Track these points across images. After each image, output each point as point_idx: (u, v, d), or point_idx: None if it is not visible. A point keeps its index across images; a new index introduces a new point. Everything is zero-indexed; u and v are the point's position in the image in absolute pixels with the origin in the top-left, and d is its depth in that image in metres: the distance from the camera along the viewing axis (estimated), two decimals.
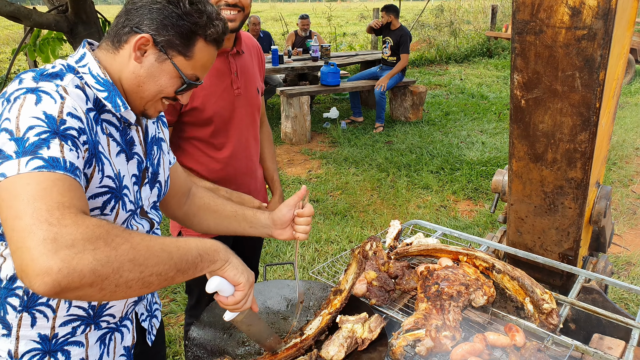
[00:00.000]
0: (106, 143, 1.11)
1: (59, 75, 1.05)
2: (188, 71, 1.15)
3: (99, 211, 1.09)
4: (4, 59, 12.94)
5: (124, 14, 1.13)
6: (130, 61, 1.12)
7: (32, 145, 0.90)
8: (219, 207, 1.49)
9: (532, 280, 1.50)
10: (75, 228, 0.83)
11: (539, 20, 1.49)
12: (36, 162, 0.89)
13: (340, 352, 1.31)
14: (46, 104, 0.96)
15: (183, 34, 1.11)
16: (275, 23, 19.62)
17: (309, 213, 1.41)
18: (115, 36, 1.13)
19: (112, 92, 1.11)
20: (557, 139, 1.64)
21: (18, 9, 3.71)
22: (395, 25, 7.24)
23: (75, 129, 0.98)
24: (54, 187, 0.87)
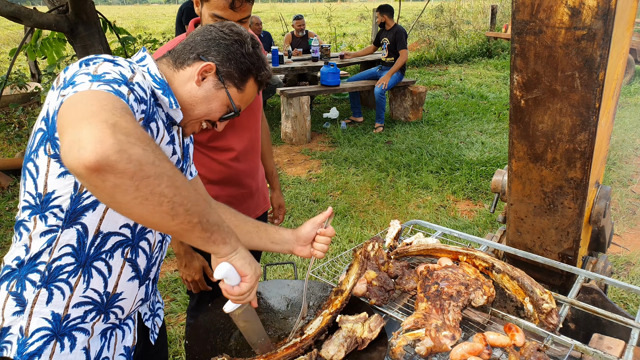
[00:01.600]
0: (162, 131, 1.18)
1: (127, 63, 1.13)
2: (237, 102, 1.29)
3: None
4: (4, 59, 12.94)
5: (191, 42, 1.26)
6: (190, 82, 1.23)
7: (106, 79, 0.98)
8: (240, 223, 1.50)
9: (531, 280, 1.50)
10: (133, 125, 0.88)
11: (538, 20, 1.49)
12: (106, 87, 0.96)
13: (340, 351, 1.31)
14: (122, 68, 1.06)
15: (242, 70, 1.26)
16: (275, 23, 19.63)
17: (331, 233, 1.46)
18: (179, 57, 1.26)
19: (167, 91, 1.20)
20: (556, 139, 1.65)
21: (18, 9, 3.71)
22: (390, 25, 7.28)
23: (139, 95, 1.05)
24: (117, 102, 0.93)
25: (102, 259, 1.16)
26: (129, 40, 5.04)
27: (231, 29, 1.28)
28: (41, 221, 1.10)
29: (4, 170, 5.43)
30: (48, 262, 1.11)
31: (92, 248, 1.14)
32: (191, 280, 1.99)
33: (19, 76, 6.90)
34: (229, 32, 1.27)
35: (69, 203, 1.08)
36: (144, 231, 1.23)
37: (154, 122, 1.14)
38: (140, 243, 1.23)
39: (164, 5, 56.54)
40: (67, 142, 0.83)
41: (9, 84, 6.15)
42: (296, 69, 7.69)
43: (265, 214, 2.31)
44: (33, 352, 1.12)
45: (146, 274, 1.29)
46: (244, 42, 1.27)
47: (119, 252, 1.18)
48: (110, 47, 4.36)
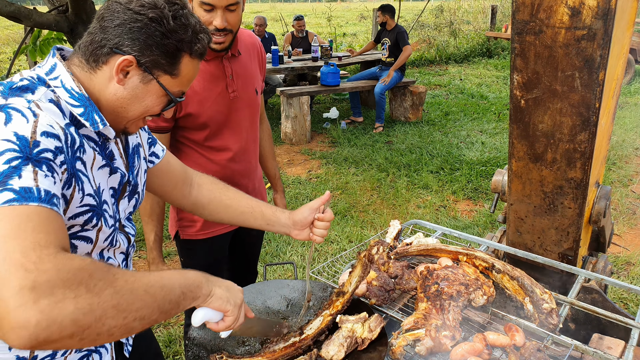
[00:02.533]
0: (92, 156, 1.06)
1: (29, 88, 0.98)
2: (174, 89, 1.11)
3: (80, 227, 1.04)
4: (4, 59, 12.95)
5: (99, 32, 1.04)
6: (111, 83, 1.05)
7: (2, 175, 0.82)
8: (232, 202, 1.47)
9: (531, 280, 1.50)
10: (55, 273, 0.75)
11: (538, 20, 1.49)
12: (7, 195, 0.80)
13: (340, 351, 1.31)
14: (17, 123, 0.88)
15: (168, 52, 1.05)
16: (275, 23, 19.62)
17: (329, 218, 1.43)
18: (92, 55, 1.05)
19: (89, 108, 1.04)
20: (556, 139, 1.65)
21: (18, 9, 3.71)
22: (391, 25, 7.29)
23: (51, 150, 0.90)
24: (28, 224, 0.79)
25: None
26: None
27: (142, 3, 1.04)
28: None
29: None
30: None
31: None
32: None
33: None
34: (139, 10, 1.03)
35: None
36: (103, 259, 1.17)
37: (79, 161, 1.00)
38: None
39: None
40: None
41: None
42: (296, 69, 7.69)
43: None
44: None
45: None
46: (162, 16, 1.03)
47: None
48: None
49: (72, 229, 1.03)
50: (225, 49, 1.84)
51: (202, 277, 1.06)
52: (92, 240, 1.08)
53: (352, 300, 1.52)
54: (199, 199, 1.48)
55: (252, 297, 1.58)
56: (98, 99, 1.07)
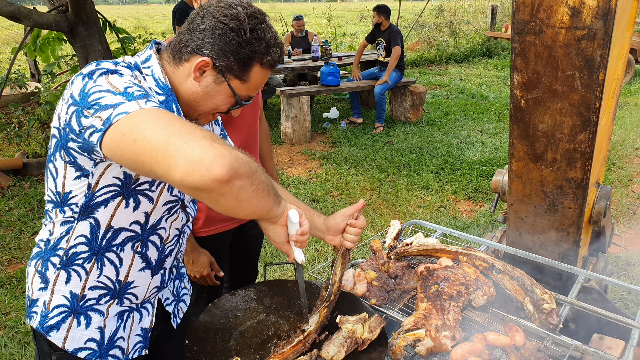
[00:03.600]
0: None
1: (129, 69, 1.14)
2: (242, 92, 1.22)
3: (148, 185, 1.19)
4: (4, 59, 12.95)
5: (187, 33, 1.18)
6: (189, 79, 1.18)
7: (141, 96, 1.00)
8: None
9: (531, 280, 1.50)
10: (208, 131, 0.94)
11: (538, 20, 1.49)
12: (151, 103, 0.99)
13: (340, 352, 1.31)
14: (128, 79, 1.06)
15: (242, 60, 1.17)
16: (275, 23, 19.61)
17: (361, 225, 1.45)
18: (178, 52, 1.19)
19: (169, 98, 1.19)
20: (557, 139, 1.65)
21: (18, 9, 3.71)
22: (385, 26, 7.32)
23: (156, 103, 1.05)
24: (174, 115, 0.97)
25: (113, 251, 1.24)
26: (128, 40, 5.04)
27: (226, 13, 1.16)
28: (61, 213, 1.20)
29: (4, 170, 5.43)
30: (66, 248, 1.22)
31: (103, 240, 1.22)
32: (200, 277, 2.00)
33: (19, 76, 6.90)
34: (222, 19, 1.15)
35: (84, 200, 1.17)
36: (155, 228, 1.28)
37: None
38: (151, 237, 1.29)
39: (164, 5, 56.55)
40: (184, 166, 0.88)
41: (8, 83, 6.15)
42: (296, 69, 7.69)
43: None
44: (52, 325, 1.25)
45: (159, 265, 1.35)
46: (241, 28, 1.15)
47: (129, 246, 1.26)
48: (110, 47, 4.36)
49: (142, 185, 1.19)
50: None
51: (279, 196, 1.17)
52: (153, 200, 1.23)
53: (352, 300, 1.52)
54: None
55: (252, 297, 1.58)
56: (177, 90, 1.21)
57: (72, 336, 1.25)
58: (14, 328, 3.13)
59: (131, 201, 1.20)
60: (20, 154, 5.86)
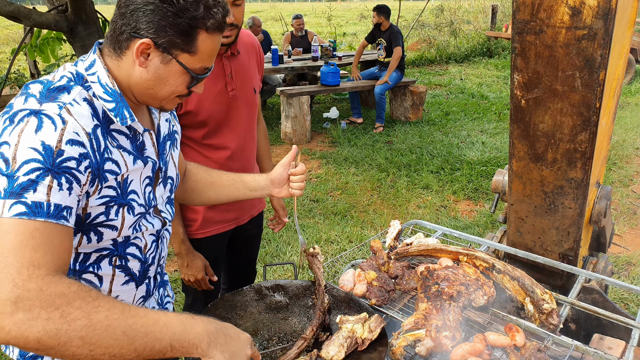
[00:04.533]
0: (119, 156, 1.12)
1: (65, 88, 1.05)
2: (195, 65, 1.13)
3: (104, 217, 1.11)
4: (4, 59, 12.95)
5: (119, 18, 1.09)
6: (135, 67, 1.10)
7: (20, 187, 0.91)
8: (214, 179, 1.55)
9: (532, 280, 1.50)
10: (36, 294, 0.86)
11: (539, 20, 1.49)
12: (19, 208, 0.90)
13: (341, 352, 1.31)
14: (46, 131, 0.96)
15: (183, 31, 1.07)
16: (275, 23, 19.62)
17: (302, 171, 1.51)
18: (116, 42, 1.10)
19: (120, 104, 1.11)
20: (557, 139, 1.64)
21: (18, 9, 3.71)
22: (385, 26, 7.32)
23: (74, 158, 0.98)
24: (30, 240, 0.90)
25: (90, 272, 1.17)
26: None
27: None
28: None
29: None
30: None
31: (76, 265, 1.15)
32: (194, 280, 1.99)
33: (19, 76, 6.90)
34: None
35: None
36: (129, 240, 1.21)
37: (108, 162, 1.08)
38: (127, 250, 1.22)
39: None
40: None
41: (8, 83, 6.15)
42: (296, 69, 7.69)
43: (261, 214, 2.30)
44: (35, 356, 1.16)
45: (143, 275, 1.29)
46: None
47: (106, 262, 1.18)
48: None
49: (98, 217, 1.10)
50: (231, 44, 1.87)
51: (206, 336, 1.03)
52: (117, 227, 1.15)
53: (352, 300, 1.52)
54: (187, 185, 1.56)
55: (252, 297, 1.58)
56: (129, 84, 1.12)
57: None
58: None
59: (92, 235, 1.12)
60: None
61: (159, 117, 1.32)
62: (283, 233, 4.34)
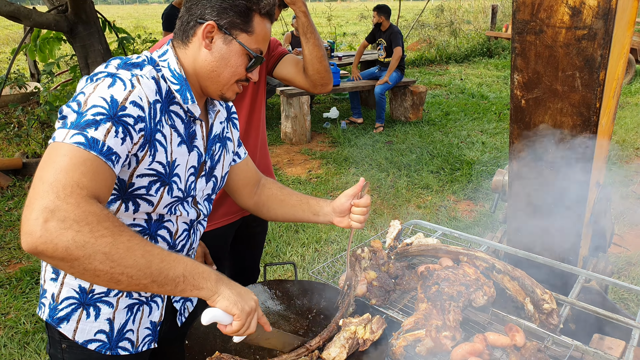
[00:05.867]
0: (169, 133, 1.21)
1: (139, 65, 1.19)
2: (252, 46, 1.25)
3: (145, 190, 1.20)
4: (4, 59, 12.94)
5: (185, 13, 1.24)
6: (201, 50, 1.22)
7: (85, 123, 1.02)
8: (285, 197, 1.59)
9: (532, 280, 1.50)
10: (74, 207, 0.93)
11: (539, 20, 1.49)
12: (79, 138, 1.01)
13: (342, 353, 1.31)
14: (117, 89, 1.08)
15: (241, 12, 1.21)
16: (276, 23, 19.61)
17: (365, 204, 1.47)
18: (184, 33, 1.24)
19: (184, 86, 1.23)
20: (557, 139, 1.64)
21: (18, 9, 3.71)
22: (385, 26, 7.32)
23: (133, 116, 1.08)
24: (81, 166, 0.99)
25: None
26: (127, 40, 5.03)
27: None
28: None
29: (4, 170, 5.42)
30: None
31: None
32: None
33: (19, 76, 6.89)
34: None
35: None
36: (162, 221, 1.29)
37: (159, 133, 1.17)
38: (159, 232, 1.30)
39: (164, 5, 56.55)
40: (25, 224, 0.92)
41: (8, 83, 6.15)
42: None
43: None
44: (62, 317, 1.28)
45: None
46: None
47: None
48: (109, 46, 4.36)
49: (138, 190, 1.19)
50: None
51: (214, 274, 1.12)
52: (153, 203, 1.23)
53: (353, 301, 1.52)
54: (261, 198, 1.61)
55: None
56: (194, 69, 1.25)
57: (81, 328, 1.29)
58: (14, 328, 3.13)
59: (130, 204, 1.21)
60: (20, 154, 5.85)
61: (215, 118, 1.40)
62: (283, 233, 4.34)
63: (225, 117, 1.48)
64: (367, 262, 1.58)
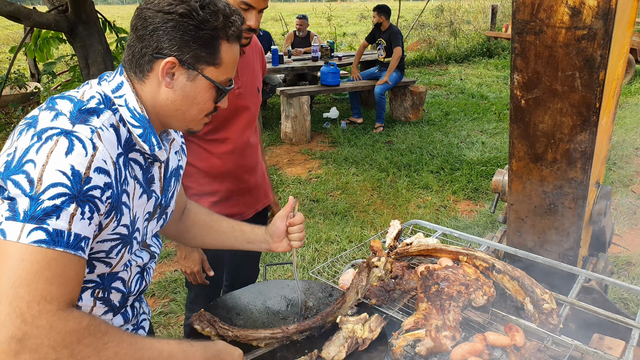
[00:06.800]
0: (132, 188, 1.08)
1: (96, 112, 1.01)
2: (221, 78, 1.11)
3: (105, 254, 1.07)
4: (4, 59, 12.95)
5: (137, 42, 1.06)
6: (161, 88, 1.07)
7: (43, 212, 0.85)
8: (214, 223, 1.48)
9: (532, 280, 1.50)
10: (46, 332, 0.81)
11: (539, 20, 1.49)
12: (38, 235, 0.85)
13: (341, 352, 1.31)
14: (77, 155, 0.91)
15: (206, 43, 1.05)
16: (275, 23, 19.62)
17: (300, 221, 1.43)
18: (137, 67, 1.07)
19: (148, 130, 1.08)
20: (557, 139, 1.64)
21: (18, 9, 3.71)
22: (385, 26, 7.33)
23: (99, 187, 0.94)
24: (45, 271, 0.84)
25: None
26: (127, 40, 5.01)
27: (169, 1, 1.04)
28: None
29: None
30: None
31: None
32: (190, 272, 2.02)
33: (19, 76, 6.90)
34: (168, 9, 1.02)
35: None
36: (117, 274, 1.17)
37: (124, 194, 1.04)
38: (113, 284, 1.17)
39: None
40: None
41: (8, 83, 6.15)
42: (296, 69, 7.69)
43: (266, 209, 2.32)
44: None
45: (122, 305, 1.24)
46: (192, 9, 1.03)
47: (88, 294, 1.13)
48: (110, 47, 4.36)
49: (97, 254, 1.06)
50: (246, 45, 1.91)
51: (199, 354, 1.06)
52: (112, 265, 1.11)
53: None
54: (184, 224, 1.49)
55: (252, 297, 1.58)
56: (154, 107, 1.09)
57: None
58: None
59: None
60: None
61: (170, 150, 1.26)
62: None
63: (179, 145, 1.33)
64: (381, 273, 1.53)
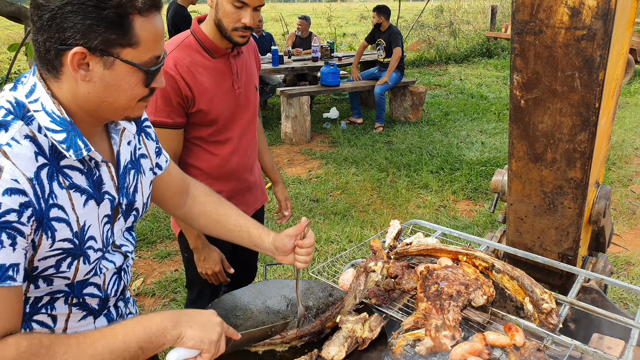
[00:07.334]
0: (67, 199, 0.98)
1: (3, 125, 0.90)
2: (144, 58, 0.96)
3: (54, 269, 1.01)
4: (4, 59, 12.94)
5: (38, 35, 0.91)
6: (78, 83, 0.94)
7: None
8: (222, 218, 1.44)
9: (531, 280, 1.50)
10: None
11: (538, 20, 1.49)
12: None
13: (341, 352, 1.31)
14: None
15: (114, 23, 0.89)
16: (275, 23, 19.61)
17: (309, 244, 1.36)
18: (47, 63, 0.94)
19: (72, 133, 0.96)
20: (556, 139, 1.65)
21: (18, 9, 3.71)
22: (385, 26, 7.34)
23: (14, 210, 0.86)
24: None
25: (43, 313, 1.07)
26: None
27: None
28: None
29: None
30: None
31: (26, 307, 1.04)
32: (212, 273, 2.00)
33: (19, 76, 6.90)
34: None
35: None
36: (87, 281, 1.12)
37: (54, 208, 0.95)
38: (85, 290, 1.12)
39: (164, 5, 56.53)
40: None
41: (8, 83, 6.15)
42: (296, 69, 7.69)
43: (262, 207, 2.33)
44: None
45: (102, 307, 1.20)
46: None
47: (62, 302, 1.08)
48: None
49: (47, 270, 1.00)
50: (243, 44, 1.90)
51: (168, 321, 1.01)
52: (69, 277, 1.05)
53: None
54: (190, 211, 1.46)
55: (252, 297, 1.58)
56: (77, 105, 0.97)
57: None
58: None
59: (40, 282, 1.02)
60: None
61: (120, 142, 1.15)
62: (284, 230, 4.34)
63: (134, 132, 1.21)
64: (378, 277, 1.50)
